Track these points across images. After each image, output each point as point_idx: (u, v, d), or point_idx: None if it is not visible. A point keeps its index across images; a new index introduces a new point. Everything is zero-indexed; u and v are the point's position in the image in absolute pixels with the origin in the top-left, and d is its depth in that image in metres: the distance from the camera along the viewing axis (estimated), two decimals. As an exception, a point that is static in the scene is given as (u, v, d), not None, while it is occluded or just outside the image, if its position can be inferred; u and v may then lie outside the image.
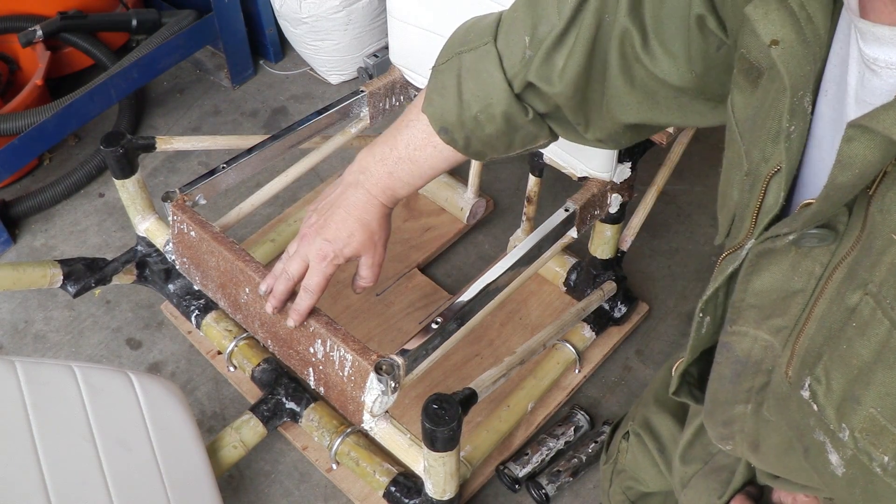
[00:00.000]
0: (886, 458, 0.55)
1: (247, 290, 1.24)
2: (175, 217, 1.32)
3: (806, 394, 0.61)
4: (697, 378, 0.82)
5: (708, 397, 0.78)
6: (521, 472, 1.40)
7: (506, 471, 1.41)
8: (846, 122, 0.50)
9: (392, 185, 0.97)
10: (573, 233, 1.31)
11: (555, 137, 0.92)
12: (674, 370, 0.82)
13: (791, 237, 0.59)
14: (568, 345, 1.50)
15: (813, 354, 0.60)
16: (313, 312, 1.16)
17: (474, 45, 0.85)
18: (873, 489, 0.58)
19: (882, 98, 0.51)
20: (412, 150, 0.94)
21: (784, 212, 0.62)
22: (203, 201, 1.36)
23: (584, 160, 1.31)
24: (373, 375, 1.09)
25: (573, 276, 1.60)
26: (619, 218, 1.41)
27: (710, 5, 0.69)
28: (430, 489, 1.19)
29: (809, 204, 0.57)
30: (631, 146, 1.29)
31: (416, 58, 1.47)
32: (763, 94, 0.63)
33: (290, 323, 1.12)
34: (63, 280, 1.40)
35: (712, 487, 0.87)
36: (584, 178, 1.33)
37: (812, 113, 0.59)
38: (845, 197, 0.53)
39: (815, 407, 0.60)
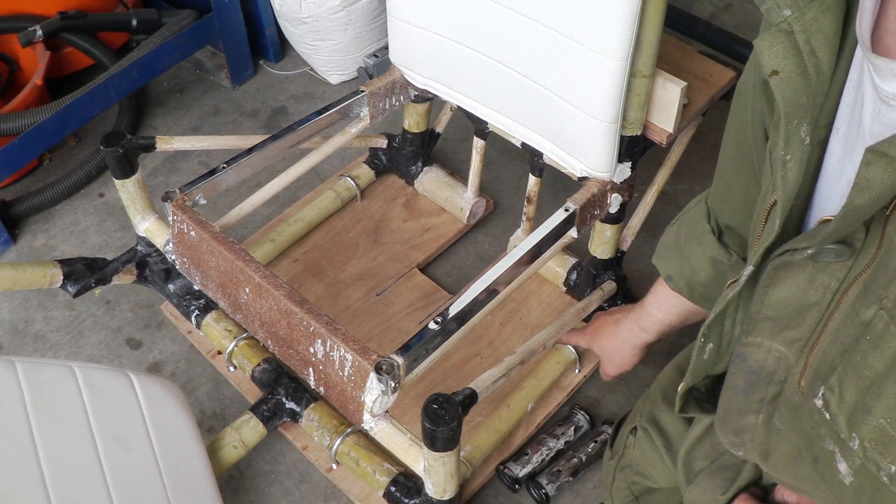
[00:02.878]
0: (894, 468, 0.57)
1: (247, 289, 1.24)
2: (175, 217, 1.32)
3: (819, 402, 0.62)
4: (706, 392, 0.86)
5: (720, 406, 0.80)
6: (521, 471, 1.40)
7: (506, 471, 1.41)
8: (857, 156, 0.53)
9: (639, 321, 1.20)
10: (573, 233, 1.31)
11: None
12: (678, 392, 0.85)
13: (809, 251, 0.61)
14: (568, 345, 1.50)
15: (826, 365, 0.62)
16: (313, 312, 1.16)
17: (692, 206, 1.00)
18: (880, 498, 0.60)
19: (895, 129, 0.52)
20: (651, 294, 1.15)
21: (780, 240, 0.66)
22: (203, 201, 1.36)
23: (585, 160, 1.31)
24: (373, 375, 1.09)
25: (573, 276, 1.60)
26: (619, 218, 1.41)
27: None
28: (430, 489, 1.19)
29: (828, 221, 0.59)
30: (631, 146, 1.29)
31: (416, 58, 1.47)
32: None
33: None
34: (63, 280, 1.40)
35: (717, 484, 0.89)
36: (584, 178, 1.33)
37: (810, 145, 0.62)
38: (862, 217, 0.55)
39: (827, 416, 0.62)
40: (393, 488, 1.30)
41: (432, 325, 1.13)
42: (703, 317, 1.09)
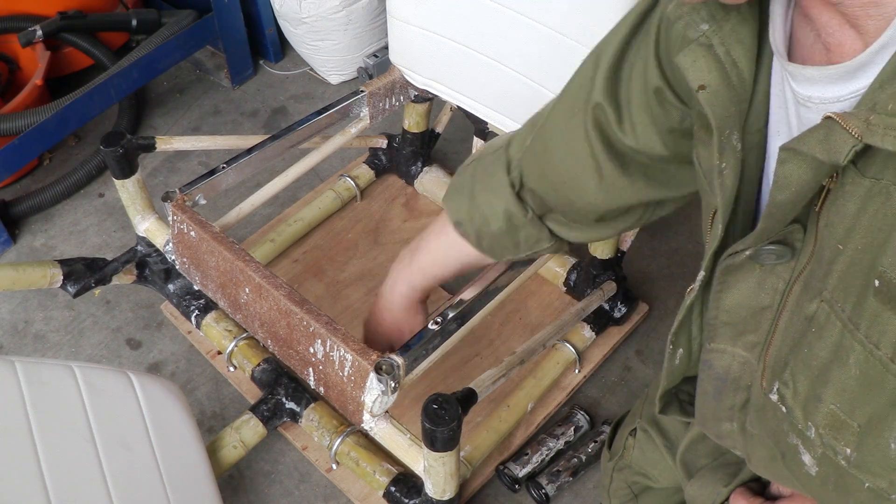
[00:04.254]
0: (849, 451, 0.58)
1: (247, 289, 1.24)
2: (175, 217, 1.32)
3: (775, 397, 0.64)
4: (690, 396, 0.86)
5: (697, 412, 0.82)
6: (521, 472, 1.40)
7: (506, 471, 1.41)
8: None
9: (410, 275, 1.09)
10: (573, 233, 1.31)
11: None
12: (657, 396, 0.86)
13: (747, 252, 0.63)
14: (568, 345, 1.50)
15: (781, 362, 0.64)
16: (313, 312, 1.16)
17: (490, 151, 0.96)
18: (844, 483, 0.61)
19: None
20: (430, 240, 1.06)
21: (724, 244, 0.67)
22: (203, 201, 1.36)
23: (584, 160, 1.31)
24: (373, 375, 1.09)
25: (573, 276, 1.60)
26: (619, 218, 1.41)
27: (664, 77, 0.72)
28: (430, 489, 1.19)
29: None
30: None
31: (416, 58, 1.47)
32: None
33: None
34: (63, 280, 1.40)
35: (719, 478, 0.90)
36: (584, 178, 1.33)
37: (742, 151, 0.63)
38: (787, 214, 0.58)
39: (784, 409, 0.64)
40: (393, 488, 1.30)
41: (432, 326, 1.13)
42: (481, 265, 1.06)
